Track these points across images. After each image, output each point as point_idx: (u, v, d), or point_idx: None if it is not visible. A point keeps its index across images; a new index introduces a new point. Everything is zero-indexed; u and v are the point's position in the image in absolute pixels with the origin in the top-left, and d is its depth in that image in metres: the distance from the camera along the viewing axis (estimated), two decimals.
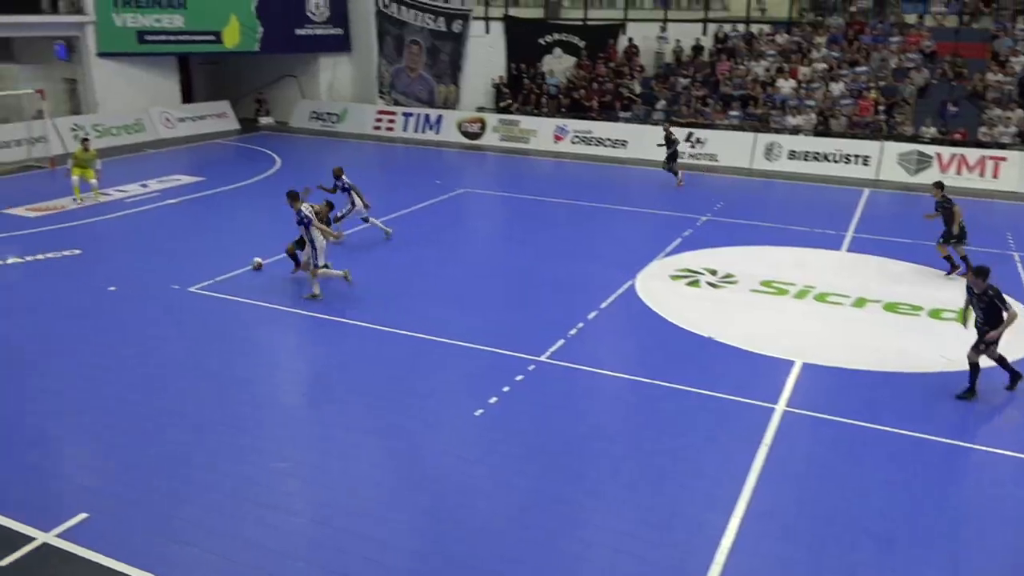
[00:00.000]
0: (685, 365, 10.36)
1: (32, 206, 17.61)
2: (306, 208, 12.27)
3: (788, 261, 14.72)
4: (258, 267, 13.83)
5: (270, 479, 7.78)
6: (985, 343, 9.27)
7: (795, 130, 23.54)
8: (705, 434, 8.69)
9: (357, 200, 15.30)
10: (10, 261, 14.10)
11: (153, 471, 7.86)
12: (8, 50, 26.97)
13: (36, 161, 22.06)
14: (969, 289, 9.51)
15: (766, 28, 26.14)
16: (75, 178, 17.82)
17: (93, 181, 17.98)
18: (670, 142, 20.50)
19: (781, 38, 25.78)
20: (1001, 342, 9.36)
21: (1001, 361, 9.51)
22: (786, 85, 24.48)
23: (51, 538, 6.84)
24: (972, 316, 9.55)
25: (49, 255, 14.39)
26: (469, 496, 7.57)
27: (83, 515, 7.13)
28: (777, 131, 23.68)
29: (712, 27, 26.53)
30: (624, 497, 7.57)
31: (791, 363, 10.43)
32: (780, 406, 9.31)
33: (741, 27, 26.29)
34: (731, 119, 24.44)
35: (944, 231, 13.66)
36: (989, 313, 9.25)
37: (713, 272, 13.97)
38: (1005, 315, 9.14)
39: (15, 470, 7.84)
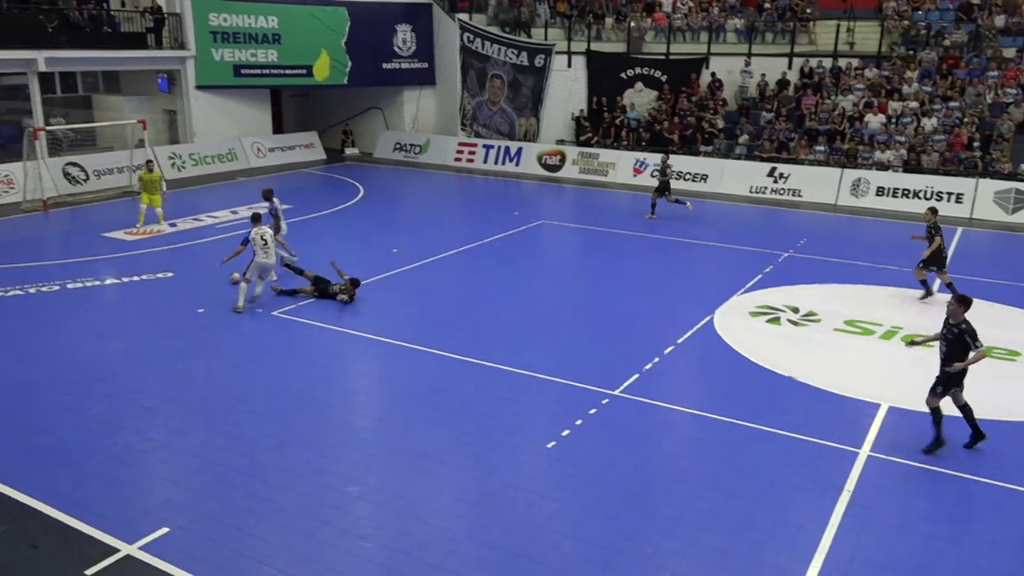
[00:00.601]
0: (763, 404, 10.09)
1: (130, 230, 18.49)
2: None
3: (875, 300, 14.23)
4: (236, 282, 13.93)
5: (343, 502, 7.88)
6: (945, 376, 8.73)
7: (883, 166, 22.88)
8: (784, 477, 8.42)
9: (283, 226, 15.45)
10: (108, 282, 14.81)
11: (233, 488, 8.07)
12: (115, 83, 28.66)
13: (136, 187, 23.17)
14: (946, 320, 8.95)
15: (855, 62, 25.57)
16: (143, 206, 18.70)
17: (159, 209, 18.79)
18: (664, 172, 20.53)
19: (870, 72, 25.17)
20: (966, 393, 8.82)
21: (965, 411, 8.89)
22: (875, 120, 23.86)
23: (134, 550, 7.07)
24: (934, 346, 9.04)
25: (144, 277, 15.05)
26: (539, 530, 7.49)
27: (165, 529, 7.35)
28: (864, 166, 23.08)
29: (798, 61, 26.09)
30: (698, 539, 7.38)
31: (876, 406, 10.05)
32: (864, 451, 8.96)
33: (828, 62, 25.79)
34: (816, 154, 23.93)
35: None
36: (954, 347, 8.71)
37: (795, 310, 13.62)
38: (973, 352, 8.58)
39: (104, 483, 8.15)
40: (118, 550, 7.07)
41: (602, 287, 15.06)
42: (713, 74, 26.89)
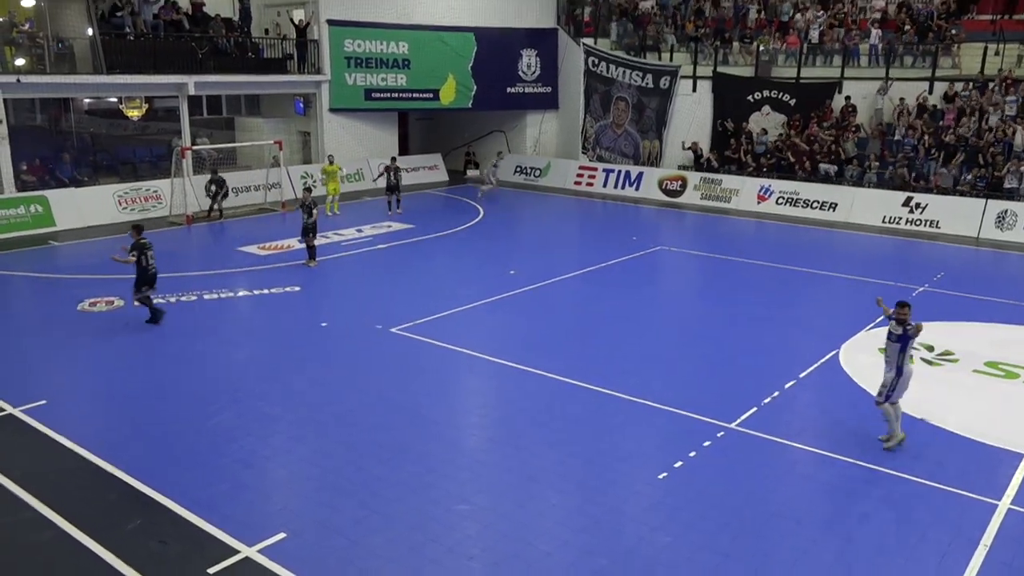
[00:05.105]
0: None
1: (263, 245, 19.50)
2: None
3: (1020, 341, 13.27)
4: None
5: (451, 519, 7.98)
6: None
7: None
8: (912, 526, 7.93)
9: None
10: (240, 293, 15.63)
11: (345, 498, 8.31)
12: (256, 106, 30.42)
13: (270, 205, 24.46)
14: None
15: (1007, 82, 23.98)
16: (329, 196, 23.35)
17: (334, 197, 23.47)
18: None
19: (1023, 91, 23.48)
20: None
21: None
22: (1021, 136, 22.08)
23: (253, 553, 7.38)
24: None
25: (273, 290, 15.81)
26: (648, 564, 7.34)
27: (282, 534, 7.64)
28: (1010, 198, 21.58)
29: (940, 87, 24.76)
30: None
31: (1020, 456, 9.34)
32: (1004, 503, 8.34)
33: (972, 85, 24.31)
34: (961, 183, 22.51)
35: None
36: None
37: (929, 348, 12.86)
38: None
39: (230, 486, 8.57)
40: (238, 551, 7.40)
41: (721, 316, 14.70)
42: (848, 98, 25.90)
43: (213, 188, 22.74)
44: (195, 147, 24.43)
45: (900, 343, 9.39)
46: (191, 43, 24.26)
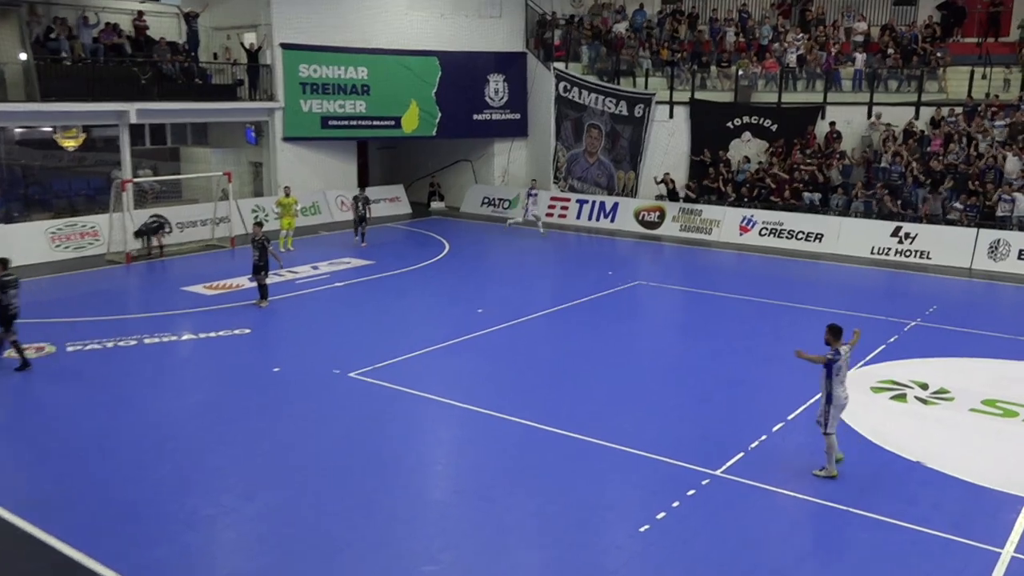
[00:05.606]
0: (886, 492, 9.61)
1: (210, 284, 19.30)
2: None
3: (1018, 377, 13.48)
4: None
5: None
6: None
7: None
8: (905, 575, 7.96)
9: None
10: (184, 337, 15.42)
11: (301, 560, 8.14)
12: (203, 135, 30.36)
13: (218, 241, 24.28)
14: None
15: (992, 110, 24.70)
16: (283, 230, 23.12)
17: (287, 231, 23.19)
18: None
19: (1011, 116, 24.15)
20: None
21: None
22: (1013, 162, 22.66)
23: None
24: None
25: (221, 333, 15.62)
26: None
27: None
28: (1003, 227, 22.06)
29: (927, 112, 25.41)
30: None
31: (1022, 500, 9.43)
32: (1007, 551, 8.39)
33: (959, 110, 25.02)
34: (949, 209, 23.00)
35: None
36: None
37: (923, 386, 13.02)
38: None
39: (172, 549, 8.35)
40: None
41: (704, 355, 14.78)
42: (832, 124, 26.44)
43: (145, 234, 22.52)
44: (137, 180, 24.25)
45: (826, 369, 9.77)
46: (133, 68, 24.20)
